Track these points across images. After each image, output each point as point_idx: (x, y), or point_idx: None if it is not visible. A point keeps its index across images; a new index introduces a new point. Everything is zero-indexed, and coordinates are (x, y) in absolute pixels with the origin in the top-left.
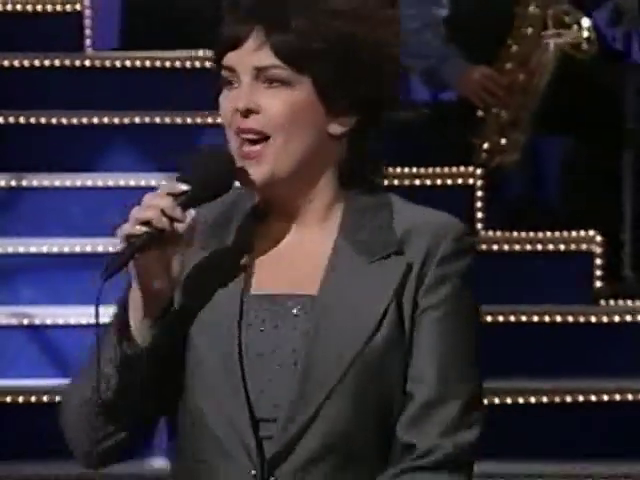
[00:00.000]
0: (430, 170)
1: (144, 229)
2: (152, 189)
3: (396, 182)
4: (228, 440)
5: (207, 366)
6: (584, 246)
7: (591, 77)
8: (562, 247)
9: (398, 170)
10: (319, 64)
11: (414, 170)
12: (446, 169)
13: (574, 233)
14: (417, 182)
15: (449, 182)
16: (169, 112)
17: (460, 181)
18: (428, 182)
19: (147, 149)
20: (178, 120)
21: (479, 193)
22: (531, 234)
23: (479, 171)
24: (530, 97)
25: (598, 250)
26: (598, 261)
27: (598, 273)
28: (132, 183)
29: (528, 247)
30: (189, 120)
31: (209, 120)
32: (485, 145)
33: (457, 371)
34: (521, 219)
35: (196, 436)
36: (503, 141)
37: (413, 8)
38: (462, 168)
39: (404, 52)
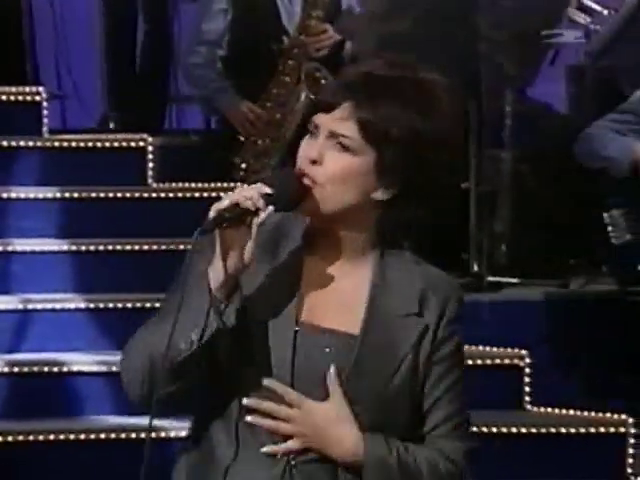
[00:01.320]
0: (200, 185)
1: (233, 206)
2: None
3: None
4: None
5: (259, 369)
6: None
7: None
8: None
9: (181, 185)
10: (388, 146)
11: (186, 185)
12: (212, 184)
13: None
14: (188, 195)
15: (213, 195)
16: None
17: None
18: (201, 195)
19: None
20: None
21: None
22: None
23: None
24: (282, 132)
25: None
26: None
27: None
28: None
29: None
30: (15, 143)
31: (30, 143)
32: (243, 165)
33: (458, 404)
34: None
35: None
36: (257, 164)
37: (199, 46)
38: (225, 184)
39: (187, 81)
